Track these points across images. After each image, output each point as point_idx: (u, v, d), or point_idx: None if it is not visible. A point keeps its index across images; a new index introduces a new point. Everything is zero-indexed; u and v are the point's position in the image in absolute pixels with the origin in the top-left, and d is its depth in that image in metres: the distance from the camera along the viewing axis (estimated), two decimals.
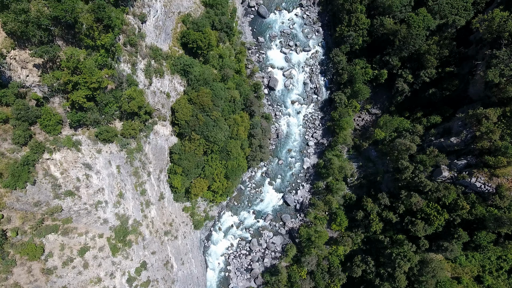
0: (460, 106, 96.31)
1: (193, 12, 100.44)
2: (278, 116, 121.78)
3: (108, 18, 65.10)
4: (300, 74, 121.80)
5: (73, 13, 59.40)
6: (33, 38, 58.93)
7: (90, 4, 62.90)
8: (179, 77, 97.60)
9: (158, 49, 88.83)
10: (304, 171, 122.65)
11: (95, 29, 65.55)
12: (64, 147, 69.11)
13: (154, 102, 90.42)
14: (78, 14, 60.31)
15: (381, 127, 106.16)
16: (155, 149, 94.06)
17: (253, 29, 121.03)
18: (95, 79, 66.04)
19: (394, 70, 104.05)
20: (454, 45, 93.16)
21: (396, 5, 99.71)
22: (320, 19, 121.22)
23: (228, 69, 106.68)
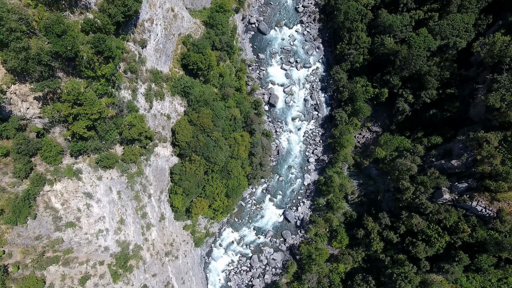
0: (461, 127, 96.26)
1: (193, 32, 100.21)
2: (278, 133, 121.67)
3: (109, 50, 64.91)
4: (300, 90, 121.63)
5: (74, 48, 59.21)
6: (34, 73, 58.78)
7: (91, 37, 62.69)
8: (180, 98, 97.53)
9: (158, 72, 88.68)
10: (304, 187, 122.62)
11: (96, 61, 65.39)
12: (65, 177, 69.04)
13: (155, 125, 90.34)
14: (78, 48, 60.11)
15: (381, 145, 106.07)
16: (156, 170, 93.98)
17: (254, 46, 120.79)
18: (96, 110, 65.97)
19: (395, 89, 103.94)
20: (455, 67, 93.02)
21: (397, 25, 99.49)
22: (321, 35, 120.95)
23: (228, 88, 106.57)
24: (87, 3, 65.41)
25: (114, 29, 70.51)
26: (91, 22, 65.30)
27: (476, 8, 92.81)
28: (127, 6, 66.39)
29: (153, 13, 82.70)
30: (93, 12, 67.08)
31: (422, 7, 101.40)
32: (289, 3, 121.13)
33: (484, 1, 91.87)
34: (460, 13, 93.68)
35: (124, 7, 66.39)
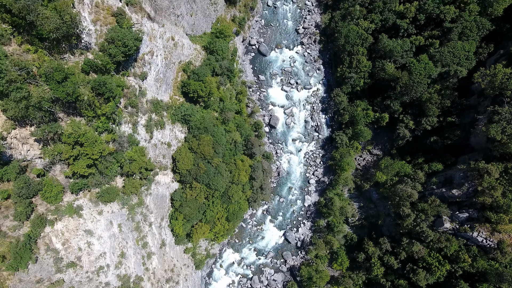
0: (462, 154, 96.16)
1: (193, 59, 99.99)
2: (279, 154, 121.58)
3: (109, 91, 64.81)
4: (301, 112, 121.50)
5: (75, 94, 59.10)
6: (34, 119, 58.70)
7: (92, 80, 62.56)
8: (180, 125, 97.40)
9: (159, 102, 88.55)
10: (305, 208, 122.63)
11: (96, 102, 65.32)
12: (66, 215, 69.04)
13: (155, 155, 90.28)
14: (79, 94, 60.00)
15: (382, 170, 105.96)
16: (157, 198, 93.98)
17: (254, 67, 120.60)
18: (97, 151, 66.02)
19: (395, 114, 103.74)
20: (455, 96, 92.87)
21: (397, 50, 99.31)
22: (321, 57, 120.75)
23: (229, 112, 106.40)
24: (87, 44, 65.24)
25: (115, 67, 70.55)
26: (91, 63, 65.28)
27: (477, 36, 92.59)
28: (127, 46, 66.23)
29: (154, 45, 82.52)
30: (93, 52, 66.94)
31: (423, 32, 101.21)
32: (290, 25, 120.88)
33: (485, 30, 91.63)
34: (461, 41, 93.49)
35: (125, 47, 66.22)
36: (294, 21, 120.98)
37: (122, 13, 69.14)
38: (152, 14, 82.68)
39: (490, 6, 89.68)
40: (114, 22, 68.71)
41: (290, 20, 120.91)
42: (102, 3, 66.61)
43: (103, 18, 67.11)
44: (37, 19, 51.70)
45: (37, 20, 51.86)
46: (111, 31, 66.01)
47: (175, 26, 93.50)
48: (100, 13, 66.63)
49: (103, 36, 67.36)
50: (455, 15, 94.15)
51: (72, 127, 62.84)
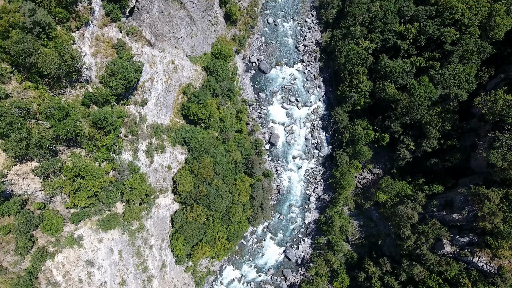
0: (462, 176, 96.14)
1: (194, 80, 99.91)
2: (279, 172, 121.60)
3: (110, 125, 64.79)
4: (301, 129, 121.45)
5: (75, 131, 59.10)
6: (35, 156, 58.70)
7: (91, 116, 62.49)
8: (180, 147, 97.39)
9: (159, 126, 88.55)
10: (305, 226, 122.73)
11: (97, 135, 65.31)
12: (66, 246, 69.09)
13: (156, 179, 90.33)
14: (80, 130, 59.99)
15: (382, 189, 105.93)
16: (157, 221, 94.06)
17: (254, 85, 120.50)
18: (97, 184, 66.13)
19: (396, 135, 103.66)
20: (456, 119, 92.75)
21: (398, 71, 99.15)
22: (322, 74, 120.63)
23: (229, 132, 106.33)
24: (87, 77, 65.19)
25: (115, 99, 70.53)
26: (91, 96, 65.28)
27: (478, 59, 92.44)
28: (127, 79, 66.19)
29: (154, 72, 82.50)
30: (93, 84, 66.88)
31: (423, 53, 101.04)
32: (290, 42, 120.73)
33: (486, 53, 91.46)
34: (461, 63, 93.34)
35: (125, 80, 66.19)
36: (294, 38, 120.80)
37: (122, 44, 69.07)
38: (152, 40, 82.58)
39: (491, 30, 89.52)
40: (115, 54, 68.67)
41: (291, 38, 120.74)
42: (102, 36, 66.54)
43: (104, 50, 67.04)
44: (37, 61, 51.64)
45: (38, 62, 51.80)
46: (112, 64, 65.96)
47: (175, 49, 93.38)
48: (100, 46, 66.57)
49: (103, 68, 67.34)
50: (456, 37, 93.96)
51: (73, 162, 62.94)
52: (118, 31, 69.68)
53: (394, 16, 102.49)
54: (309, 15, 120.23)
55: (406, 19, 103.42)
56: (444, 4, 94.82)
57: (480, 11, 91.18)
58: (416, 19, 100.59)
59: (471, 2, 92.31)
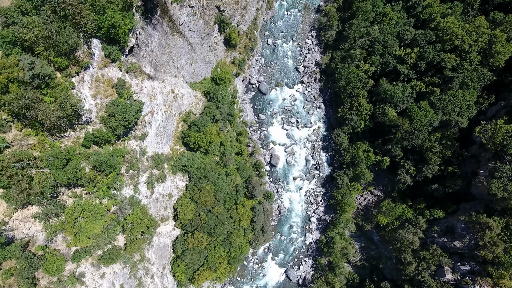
0: (463, 200, 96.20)
1: (194, 107, 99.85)
2: (280, 193, 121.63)
3: (111, 166, 64.77)
4: (302, 150, 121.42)
5: (76, 177, 59.09)
6: (36, 203, 58.73)
7: (92, 159, 62.42)
8: (181, 174, 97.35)
9: (159, 156, 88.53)
10: (306, 246, 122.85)
11: (98, 176, 65.30)
12: (68, 286, 69.14)
13: (157, 209, 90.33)
14: (81, 175, 60.01)
15: (383, 212, 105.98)
16: (158, 249, 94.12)
17: (255, 106, 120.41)
18: (99, 226, 66.14)
19: (396, 159, 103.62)
20: (456, 146, 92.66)
21: (398, 96, 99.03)
22: (322, 95, 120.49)
23: (229, 156, 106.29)
24: (88, 119, 65.03)
25: (116, 137, 70.47)
26: (92, 138, 65.19)
27: (478, 86, 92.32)
28: (127, 120, 66.10)
29: (154, 104, 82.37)
30: (94, 124, 66.74)
31: (424, 77, 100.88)
32: (290, 63, 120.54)
33: (486, 80, 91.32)
34: (461, 89, 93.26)
35: (125, 122, 66.10)
36: (294, 59, 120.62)
37: (122, 83, 68.88)
38: (152, 73, 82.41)
39: (491, 57, 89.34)
40: (115, 93, 68.50)
41: (290, 59, 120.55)
42: (102, 76, 66.36)
43: (104, 91, 66.86)
44: (38, 114, 51.58)
45: (38, 115, 51.74)
46: (112, 105, 65.84)
47: (175, 78, 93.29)
48: (100, 87, 66.39)
49: (103, 108, 67.17)
50: (456, 63, 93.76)
51: (74, 204, 62.95)
52: (118, 70, 69.47)
53: (394, 40, 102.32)
54: (309, 36, 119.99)
55: (406, 42, 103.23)
56: (443, 30, 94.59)
57: (480, 37, 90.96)
58: (416, 44, 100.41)
59: (471, 28, 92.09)
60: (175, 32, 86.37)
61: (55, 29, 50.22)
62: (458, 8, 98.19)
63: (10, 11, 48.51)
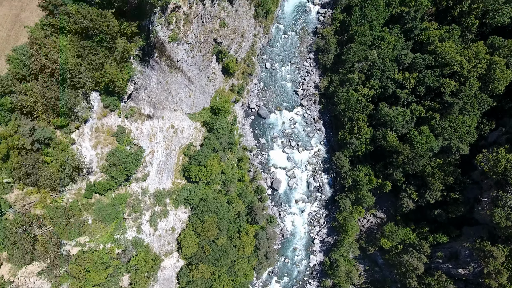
0: (466, 224, 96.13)
1: (194, 139, 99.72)
2: (282, 216, 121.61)
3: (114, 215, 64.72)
4: (303, 173, 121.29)
5: (80, 232, 59.06)
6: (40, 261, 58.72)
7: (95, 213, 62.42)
8: (183, 207, 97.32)
9: (161, 192, 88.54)
10: (310, 268, 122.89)
11: (101, 225, 65.32)
12: None
13: (160, 245, 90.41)
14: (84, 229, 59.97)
15: (387, 236, 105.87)
16: (163, 283, 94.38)
17: (254, 131, 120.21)
18: (103, 276, 66.16)
19: (398, 183, 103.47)
20: (458, 173, 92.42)
21: (398, 121, 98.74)
22: (321, 117, 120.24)
23: (231, 185, 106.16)
24: (89, 170, 64.97)
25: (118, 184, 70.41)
26: (93, 189, 65.14)
27: (478, 111, 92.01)
28: (128, 170, 66.01)
29: (154, 144, 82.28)
30: (95, 173, 66.70)
31: (423, 101, 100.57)
32: (289, 86, 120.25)
33: (486, 106, 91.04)
34: (461, 115, 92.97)
35: (126, 171, 66.02)
36: (293, 82, 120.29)
37: (122, 131, 68.85)
38: (151, 113, 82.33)
39: (491, 83, 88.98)
40: (115, 141, 68.47)
41: (289, 82, 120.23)
42: (102, 126, 66.32)
43: (104, 140, 66.83)
44: (39, 180, 51.52)
45: (39, 180, 51.67)
46: (112, 155, 65.84)
47: (174, 112, 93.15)
48: (100, 137, 66.33)
49: (104, 157, 67.15)
50: (455, 88, 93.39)
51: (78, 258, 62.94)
52: (117, 117, 69.42)
53: (392, 64, 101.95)
54: (307, 58, 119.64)
55: (405, 66, 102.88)
56: (442, 54, 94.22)
57: (479, 63, 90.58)
58: (414, 68, 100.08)
59: (469, 54, 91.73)
60: (173, 69, 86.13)
61: (53, 94, 50.09)
62: (456, 31, 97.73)
63: (7, 80, 48.32)
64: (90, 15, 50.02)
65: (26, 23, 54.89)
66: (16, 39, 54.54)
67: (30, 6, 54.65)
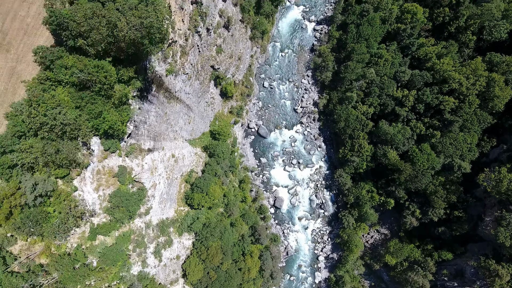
0: (471, 241, 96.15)
1: (195, 165, 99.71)
2: (286, 234, 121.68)
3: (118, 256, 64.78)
4: (305, 190, 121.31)
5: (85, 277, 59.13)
6: None
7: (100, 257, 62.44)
8: (187, 233, 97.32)
9: (164, 222, 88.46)
10: (316, 285, 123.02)
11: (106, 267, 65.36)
12: None
13: (165, 275, 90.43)
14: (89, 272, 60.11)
15: (391, 253, 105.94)
16: None
17: (255, 150, 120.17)
18: None
19: (401, 201, 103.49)
20: (461, 191, 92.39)
21: (399, 138, 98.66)
22: (322, 134, 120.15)
23: (234, 208, 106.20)
24: (92, 212, 64.96)
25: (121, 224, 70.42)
26: (97, 232, 65.12)
27: (479, 129, 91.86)
28: (131, 211, 66.00)
29: (156, 177, 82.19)
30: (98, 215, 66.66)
31: (423, 117, 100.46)
32: (288, 104, 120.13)
33: (486, 123, 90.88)
34: (462, 132, 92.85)
35: (129, 212, 66.01)
36: (291, 100, 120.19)
37: (123, 170, 68.77)
38: (151, 146, 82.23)
39: (491, 101, 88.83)
40: (116, 182, 68.39)
41: (288, 100, 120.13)
42: (103, 168, 66.25)
43: (105, 182, 66.77)
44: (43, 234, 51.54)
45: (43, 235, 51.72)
46: (114, 197, 65.81)
47: (174, 141, 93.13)
48: (102, 179, 66.27)
49: (106, 198, 67.10)
50: (455, 105, 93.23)
51: None
52: (118, 158, 69.30)
53: (391, 81, 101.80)
54: (305, 76, 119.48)
55: (403, 83, 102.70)
56: (440, 72, 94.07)
57: (478, 80, 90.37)
58: (413, 85, 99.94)
59: (468, 71, 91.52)
60: (172, 99, 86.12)
61: (53, 149, 50.03)
62: (453, 47, 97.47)
63: (6, 139, 48.24)
64: (87, 69, 49.89)
65: (23, 75, 54.82)
66: (13, 92, 54.43)
67: (26, 58, 54.48)
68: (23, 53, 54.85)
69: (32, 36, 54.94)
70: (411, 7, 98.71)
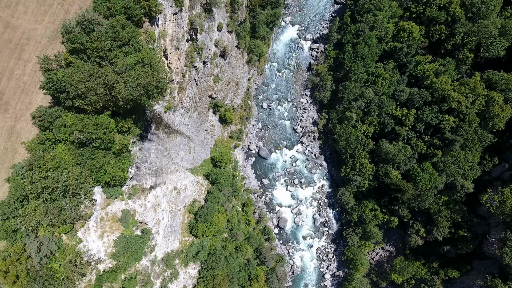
0: (476, 258, 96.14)
1: (197, 194, 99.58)
2: (291, 253, 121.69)
3: None
4: (308, 209, 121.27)
5: None
6: None
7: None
8: (192, 263, 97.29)
9: (169, 255, 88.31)
10: None
11: None
12: None
13: None
14: None
15: (397, 271, 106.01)
16: None
17: (256, 172, 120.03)
18: None
19: (405, 219, 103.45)
20: (465, 211, 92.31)
21: (400, 157, 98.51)
22: (322, 153, 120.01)
23: (238, 233, 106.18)
24: (97, 260, 64.84)
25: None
26: (103, 279, 65.05)
27: (480, 147, 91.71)
28: (135, 257, 65.87)
29: (159, 213, 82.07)
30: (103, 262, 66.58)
31: (423, 135, 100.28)
32: (287, 124, 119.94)
33: (487, 142, 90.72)
34: (463, 151, 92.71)
35: (134, 258, 65.89)
36: (291, 120, 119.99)
37: (126, 214, 68.66)
38: (153, 183, 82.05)
39: (491, 119, 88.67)
40: (120, 227, 68.29)
41: (287, 120, 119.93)
42: (106, 215, 66.12)
43: (109, 228, 66.66)
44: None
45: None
46: (119, 243, 65.70)
47: (176, 173, 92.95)
48: (105, 225, 66.15)
49: (111, 244, 66.99)
50: (455, 124, 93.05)
51: None
52: (121, 202, 69.16)
53: (389, 100, 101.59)
54: (303, 95, 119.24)
55: (402, 102, 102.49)
56: (439, 91, 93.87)
57: (477, 99, 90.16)
58: (412, 104, 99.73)
59: (466, 90, 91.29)
60: (172, 134, 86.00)
61: (57, 210, 49.93)
62: (451, 65, 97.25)
63: (9, 205, 48.12)
64: (86, 129, 49.71)
65: (22, 134, 54.61)
66: (14, 151, 54.21)
67: (24, 117, 54.26)
68: (21, 111, 54.62)
69: (30, 94, 54.69)
70: (407, 26, 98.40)
